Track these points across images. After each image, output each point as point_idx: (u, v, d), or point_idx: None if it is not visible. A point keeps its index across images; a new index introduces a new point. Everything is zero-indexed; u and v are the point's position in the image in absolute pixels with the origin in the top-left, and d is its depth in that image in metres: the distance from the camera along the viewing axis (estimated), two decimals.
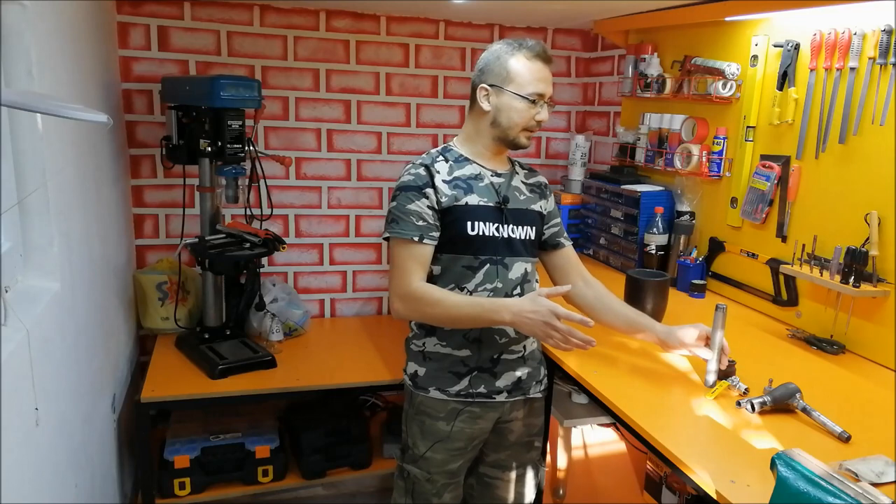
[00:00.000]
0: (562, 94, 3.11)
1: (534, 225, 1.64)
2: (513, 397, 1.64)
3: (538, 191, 1.69)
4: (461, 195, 1.55)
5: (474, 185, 1.57)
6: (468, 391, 1.59)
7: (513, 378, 1.63)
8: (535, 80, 1.52)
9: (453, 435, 1.60)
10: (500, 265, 1.57)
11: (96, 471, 1.75)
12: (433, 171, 1.55)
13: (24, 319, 1.17)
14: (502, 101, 1.54)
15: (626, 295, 1.93)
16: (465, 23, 2.85)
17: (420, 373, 1.63)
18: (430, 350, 1.61)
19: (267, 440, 2.33)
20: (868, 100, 1.74)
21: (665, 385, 1.54)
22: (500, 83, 1.54)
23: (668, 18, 2.30)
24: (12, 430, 1.05)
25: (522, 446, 1.72)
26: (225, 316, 2.44)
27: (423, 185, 1.52)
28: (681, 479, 1.85)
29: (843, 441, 1.28)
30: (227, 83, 2.11)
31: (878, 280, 1.71)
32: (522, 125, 1.55)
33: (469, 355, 1.59)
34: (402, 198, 1.53)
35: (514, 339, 1.59)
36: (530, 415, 1.71)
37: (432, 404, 1.61)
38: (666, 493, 2.24)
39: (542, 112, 1.55)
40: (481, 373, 1.60)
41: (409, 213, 1.51)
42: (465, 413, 1.60)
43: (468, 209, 1.54)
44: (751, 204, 2.08)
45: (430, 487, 1.62)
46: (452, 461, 1.62)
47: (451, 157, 1.60)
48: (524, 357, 1.64)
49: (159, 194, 2.62)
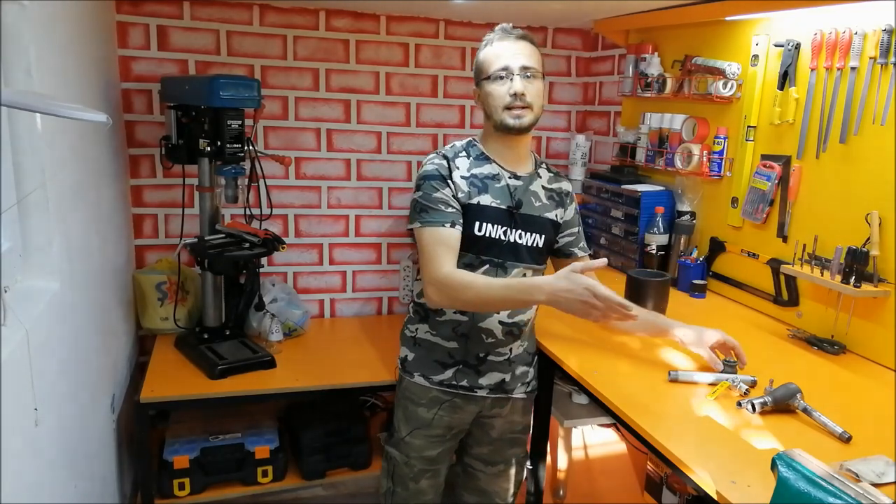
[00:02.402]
0: (562, 94, 3.11)
1: (544, 233, 1.62)
2: (494, 394, 1.66)
3: (557, 198, 1.67)
4: (475, 193, 1.55)
5: (490, 185, 1.57)
6: (451, 382, 1.62)
7: (496, 378, 1.64)
8: (497, 58, 1.52)
9: (433, 422, 1.63)
10: (499, 268, 1.57)
11: (96, 471, 1.75)
12: (453, 166, 1.55)
13: (23, 319, 1.17)
14: (483, 92, 1.56)
15: (627, 295, 1.93)
16: (465, 22, 2.85)
17: (410, 357, 1.66)
18: (420, 336, 1.64)
19: (267, 440, 2.33)
20: (869, 100, 1.74)
21: (665, 385, 1.54)
22: (477, 78, 1.59)
23: (669, 18, 2.30)
24: (12, 431, 1.05)
25: (506, 442, 1.73)
26: (224, 316, 2.44)
27: (446, 175, 1.54)
28: (681, 480, 1.85)
29: (844, 441, 1.28)
30: (226, 83, 2.10)
31: (879, 280, 1.70)
32: (501, 104, 1.53)
33: (456, 348, 1.61)
34: (427, 187, 1.53)
35: (501, 340, 1.60)
36: (514, 412, 1.72)
37: (416, 390, 1.64)
38: (666, 493, 2.24)
39: (514, 84, 1.50)
40: (466, 368, 1.62)
41: (436, 200, 1.51)
42: (446, 403, 1.63)
43: (479, 209, 1.54)
44: (751, 204, 2.08)
45: (408, 471, 1.65)
46: (431, 448, 1.65)
47: (474, 153, 1.60)
48: (510, 360, 1.65)
49: (159, 194, 2.62)
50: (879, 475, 1.14)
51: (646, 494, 2.42)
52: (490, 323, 1.58)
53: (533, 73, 1.52)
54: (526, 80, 1.51)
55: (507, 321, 1.59)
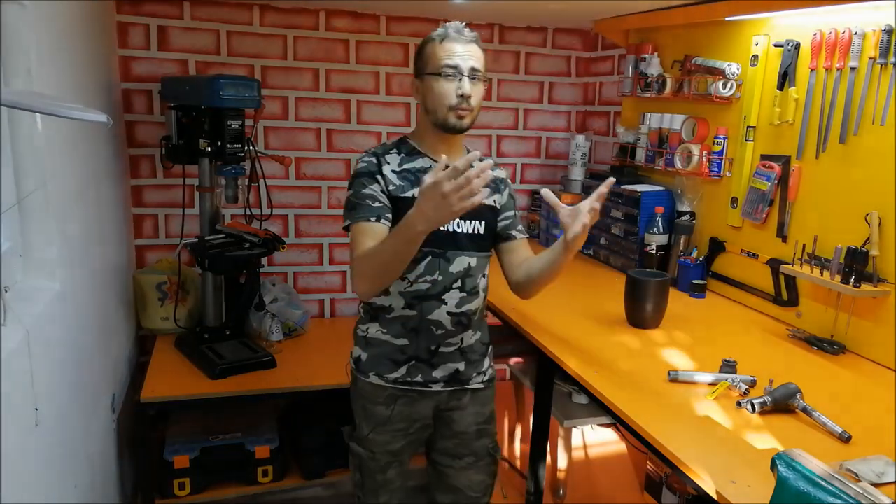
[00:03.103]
0: (562, 94, 3.11)
1: (483, 219, 1.63)
2: (450, 387, 1.67)
3: (492, 185, 1.69)
4: (408, 187, 1.57)
5: (423, 179, 1.58)
6: (405, 379, 1.63)
7: (450, 370, 1.65)
8: (447, 56, 1.52)
9: (393, 417, 1.65)
10: (441, 258, 1.58)
11: (96, 471, 1.75)
12: (383, 161, 1.58)
13: (23, 319, 1.17)
14: (425, 86, 1.56)
15: (627, 295, 1.93)
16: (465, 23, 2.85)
17: (363, 357, 1.67)
18: (371, 336, 1.65)
19: (267, 440, 2.33)
20: (868, 100, 1.74)
21: (665, 385, 1.54)
22: (420, 71, 1.58)
23: (669, 18, 2.30)
24: (12, 431, 1.05)
25: (471, 435, 1.73)
26: (225, 316, 2.44)
27: (374, 171, 1.57)
28: (681, 480, 1.85)
29: (844, 441, 1.28)
30: (226, 83, 2.11)
31: (879, 280, 1.70)
32: (446, 103, 1.53)
33: (407, 344, 1.62)
34: (357, 184, 1.57)
35: (451, 331, 1.62)
36: (475, 404, 1.72)
37: (372, 389, 1.65)
38: (666, 493, 2.24)
39: (463, 85, 1.52)
40: (419, 363, 1.63)
41: (363, 197, 1.54)
42: (403, 398, 1.65)
43: (413, 201, 1.55)
44: (751, 204, 2.08)
45: (374, 465, 1.69)
46: (394, 442, 1.67)
47: (405, 149, 1.62)
48: (461, 349, 1.66)
49: (159, 194, 2.62)
50: (879, 475, 1.14)
51: (646, 494, 2.42)
52: (438, 315, 1.59)
53: (479, 76, 1.55)
54: (472, 82, 1.53)
55: (455, 311, 1.61)
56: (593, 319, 1.97)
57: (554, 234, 2.87)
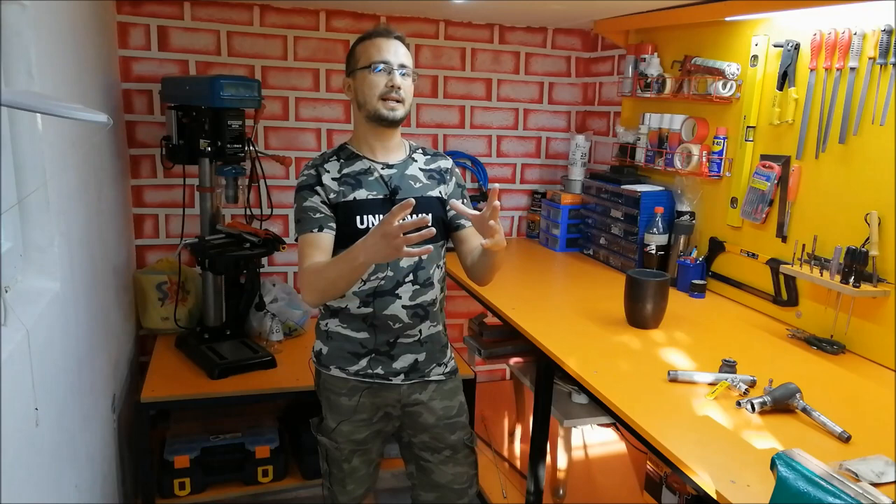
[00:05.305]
0: (562, 94, 3.11)
1: (431, 211, 1.64)
2: (410, 380, 1.68)
3: (438, 176, 1.71)
4: (349, 191, 1.59)
5: (363, 180, 1.62)
6: (366, 371, 1.65)
7: (409, 361, 1.67)
8: (378, 52, 1.57)
9: (357, 408, 1.67)
10: None
11: (96, 471, 1.75)
12: (322, 171, 1.61)
13: (24, 319, 1.17)
14: (356, 82, 1.60)
15: (627, 295, 1.93)
16: (465, 23, 2.85)
17: (324, 351, 1.69)
18: (332, 330, 1.67)
19: (267, 440, 2.33)
20: (868, 100, 1.74)
21: (665, 385, 1.54)
22: (350, 69, 1.63)
23: (668, 18, 2.30)
24: (12, 431, 1.05)
25: (443, 428, 1.74)
26: (225, 316, 2.44)
27: (313, 183, 1.60)
28: (681, 480, 1.85)
29: (843, 441, 1.28)
30: (226, 83, 2.11)
31: (879, 280, 1.71)
32: (378, 94, 1.57)
33: (367, 338, 1.64)
34: (299, 198, 1.60)
35: (409, 324, 1.64)
36: (441, 397, 1.73)
37: (335, 382, 1.68)
38: (666, 493, 2.24)
39: (394, 78, 1.56)
40: (378, 355, 1.65)
41: (306, 209, 1.58)
42: (365, 389, 1.67)
43: (356, 204, 1.59)
44: (751, 204, 2.08)
45: (339, 454, 1.71)
46: (358, 432, 1.69)
47: (344, 155, 1.65)
48: (420, 341, 1.68)
49: (159, 194, 2.62)
50: (879, 475, 1.14)
51: (645, 494, 2.42)
52: (394, 309, 1.61)
53: (408, 71, 1.60)
54: (402, 76, 1.58)
55: (410, 304, 1.63)
56: (593, 319, 1.97)
57: (554, 235, 2.87)
